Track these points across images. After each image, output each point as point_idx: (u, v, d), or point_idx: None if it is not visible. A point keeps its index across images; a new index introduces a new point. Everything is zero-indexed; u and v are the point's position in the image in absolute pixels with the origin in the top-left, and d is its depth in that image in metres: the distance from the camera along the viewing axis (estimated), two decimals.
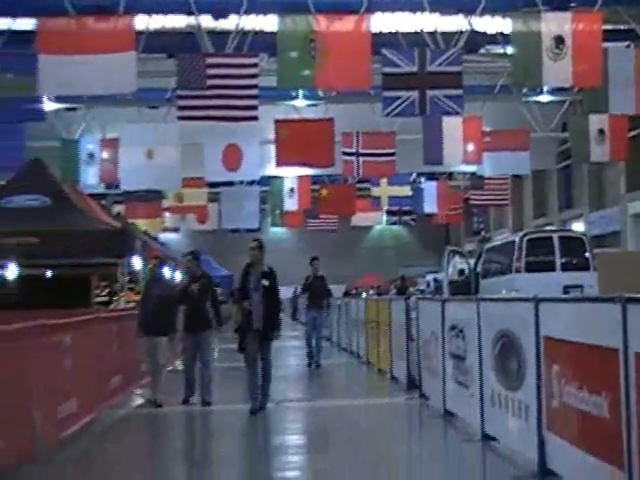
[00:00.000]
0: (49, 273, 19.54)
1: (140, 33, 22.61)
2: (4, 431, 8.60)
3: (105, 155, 29.97)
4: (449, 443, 11.34)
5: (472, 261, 24.97)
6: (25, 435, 9.37)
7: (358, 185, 40.66)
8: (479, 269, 23.41)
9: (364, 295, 35.91)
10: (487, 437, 9.96)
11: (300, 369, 20.71)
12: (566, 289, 19.80)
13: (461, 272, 25.54)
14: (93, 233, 18.34)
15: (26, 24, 22.75)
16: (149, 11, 23.82)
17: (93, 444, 11.45)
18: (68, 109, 29.64)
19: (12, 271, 18.20)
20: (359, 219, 48.08)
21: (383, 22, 24.96)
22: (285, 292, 26.92)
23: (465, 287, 22.99)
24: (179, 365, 18.32)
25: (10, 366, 8.88)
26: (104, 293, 22.11)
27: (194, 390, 14.32)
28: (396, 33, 25.82)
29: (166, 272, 17.25)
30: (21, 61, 21.56)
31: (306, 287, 21.29)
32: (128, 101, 28.42)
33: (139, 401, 14.47)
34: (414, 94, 22.65)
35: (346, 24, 22.16)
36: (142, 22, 23.20)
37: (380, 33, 24.35)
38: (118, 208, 34.85)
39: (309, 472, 9.95)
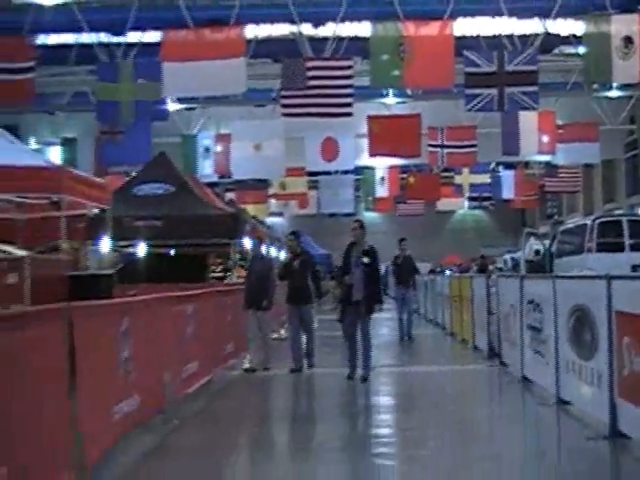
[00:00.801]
0: (172, 252, 19.85)
1: (249, 41, 22.77)
2: (142, 388, 8.80)
3: (219, 149, 30.54)
4: (526, 406, 11.23)
5: (547, 242, 24.53)
6: (158, 392, 9.58)
7: (442, 174, 40.41)
8: (553, 249, 22.97)
9: (448, 273, 35.57)
10: (561, 401, 9.84)
11: (391, 339, 20.64)
12: (634, 268, 19.31)
13: (537, 252, 25.09)
14: (209, 217, 18.64)
15: (153, 37, 23.07)
16: (257, 21, 23.94)
17: (210, 400, 11.72)
18: (187, 109, 29.99)
19: (141, 250, 18.54)
20: (443, 204, 47.85)
21: (465, 26, 24.66)
22: None
23: (540, 266, 22.60)
24: (284, 333, 18.48)
25: (146, 333, 9.06)
26: (219, 269, 22.38)
27: (302, 362, 14.22)
28: (477, 36, 25.50)
29: (265, 251, 17.26)
30: (149, 69, 21.89)
31: (395, 266, 21.15)
32: (239, 101, 28.60)
33: (247, 365, 14.60)
34: (493, 91, 22.47)
35: (432, 29, 22.10)
36: (251, 31, 23.32)
37: (462, 36, 24.09)
38: (230, 195, 35.16)
39: (399, 430, 9.94)
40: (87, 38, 23.89)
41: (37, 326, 6.35)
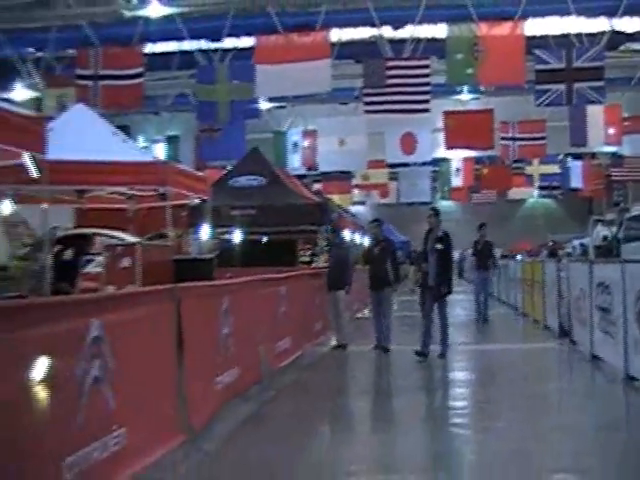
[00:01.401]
0: (265, 238, 20.02)
1: (333, 44, 22.80)
2: (241, 362, 8.96)
3: (306, 144, 30.76)
4: (596, 382, 11.08)
5: (614, 228, 24.01)
6: (255, 365, 9.74)
7: (514, 165, 39.80)
8: (620, 235, 22.49)
9: (519, 257, 35.09)
10: (630, 378, 9.66)
11: (467, 319, 20.48)
12: None
13: (604, 238, 24.59)
14: (298, 206, 18.74)
15: (247, 42, 23.28)
16: (341, 25, 23.92)
17: (301, 373, 11.81)
18: (278, 107, 30.19)
19: (237, 236, 18.75)
20: (514, 193, 47.25)
21: (535, 26, 24.24)
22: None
23: (608, 251, 22.17)
24: (367, 313, 18.49)
25: (244, 311, 9.20)
26: (307, 254, 22.47)
27: (382, 339, 14.11)
28: (546, 35, 25.03)
29: (347, 237, 17.21)
30: (243, 71, 22.10)
31: (475, 250, 20.81)
32: (324, 99, 28.69)
33: (332, 343, 14.66)
34: (562, 87, 22.13)
35: (504, 29, 21.86)
36: (335, 35, 23.33)
37: (533, 36, 23.70)
38: (317, 186, 35.28)
39: (474, 402, 9.89)
40: (188, 45, 24.23)
41: (149, 304, 6.54)
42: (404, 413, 9.23)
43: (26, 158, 9.27)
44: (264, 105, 26.97)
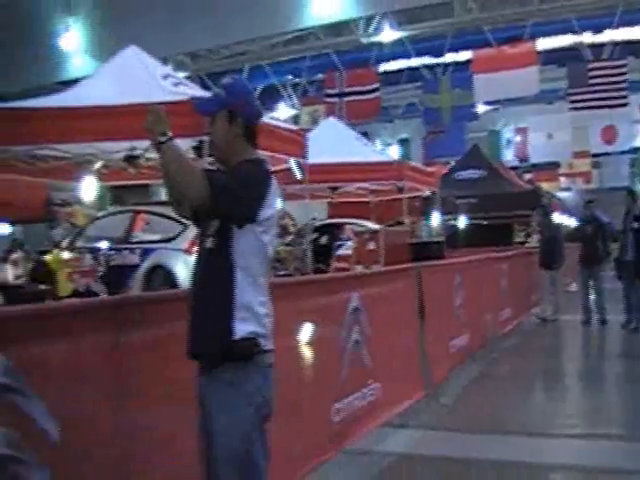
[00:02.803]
0: (484, 222, 19.61)
1: (539, 52, 21.87)
2: (470, 328, 8.83)
3: (518, 139, 30.24)
4: None
5: None
6: (482, 331, 9.56)
7: None
8: None
9: None
10: None
11: None
12: None
13: None
14: (513, 194, 18.29)
15: (464, 56, 22.89)
16: (545, 35, 22.87)
17: (519, 339, 11.40)
18: (492, 110, 29.44)
19: (462, 221, 18.48)
20: None
21: None
22: None
23: None
24: (573, 287, 17.56)
25: (472, 285, 9.04)
26: (522, 235, 21.78)
27: (590, 315, 12.75)
28: None
29: (554, 219, 16.28)
30: (463, 81, 21.80)
31: None
32: (532, 100, 27.55)
33: (543, 315, 13.87)
34: None
35: None
36: (541, 44, 22.36)
37: None
38: (528, 176, 34.11)
39: None
40: (414, 62, 24.26)
41: (396, 280, 6.60)
42: (610, 375, 8.71)
43: (292, 163, 9.62)
44: (481, 108, 26.25)
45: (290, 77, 25.46)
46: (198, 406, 2.82)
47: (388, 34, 20.54)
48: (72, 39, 18.97)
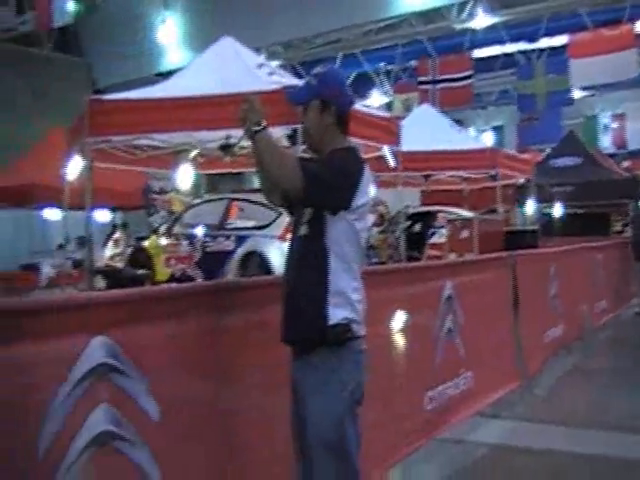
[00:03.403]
0: (580, 210, 18.98)
1: (638, 35, 20.91)
2: (565, 319, 8.56)
3: (615, 125, 29.18)
4: None
5: None
6: (577, 322, 9.24)
7: None
8: None
9: None
10: None
11: None
12: None
13: None
14: (611, 182, 17.59)
15: (559, 40, 22.18)
16: None
17: (616, 331, 10.97)
18: (588, 96, 28.44)
19: (557, 210, 17.90)
20: None
21: None
22: None
23: None
24: None
25: (567, 275, 8.75)
26: (619, 225, 20.98)
27: None
28: None
29: None
30: (558, 66, 21.18)
31: None
32: (630, 85, 26.44)
33: (637, 309, 13.18)
34: None
35: None
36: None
37: None
38: (626, 163, 32.81)
39: None
40: (508, 48, 23.68)
41: (490, 269, 6.46)
42: None
43: (385, 151, 9.55)
44: (576, 94, 25.35)
45: (383, 64, 25.32)
46: (291, 391, 2.83)
47: (482, 20, 20.06)
48: (169, 32, 19.39)
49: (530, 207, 15.54)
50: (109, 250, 11.89)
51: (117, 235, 12.08)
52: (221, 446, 2.97)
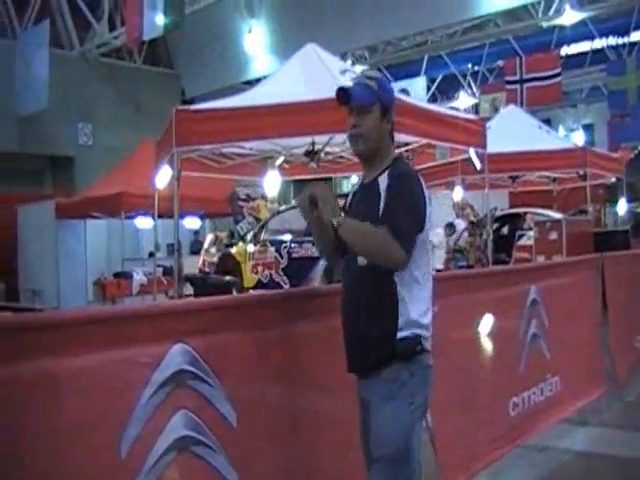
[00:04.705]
0: None
1: None
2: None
3: None
4: None
5: None
6: None
7: None
8: None
9: None
10: None
11: None
12: None
13: None
14: None
15: None
16: None
17: None
18: None
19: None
20: None
21: None
22: None
23: None
24: None
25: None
26: None
27: None
28: None
29: None
30: None
31: None
32: None
33: None
34: None
35: None
36: None
37: None
38: None
39: None
40: (598, 43, 22.92)
41: (578, 271, 6.27)
42: None
43: (471, 153, 9.42)
44: None
45: (469, 65, 24.99)
46: (359, 405, 2.81)
47: (569, 16, 19.48)
48: (254, 40, 19.67)
49: (621, 207, 14.97)
50: (207, 256, 12.15)
51: (213, 250, 12.28)
52: (295, 452, 2.99)
